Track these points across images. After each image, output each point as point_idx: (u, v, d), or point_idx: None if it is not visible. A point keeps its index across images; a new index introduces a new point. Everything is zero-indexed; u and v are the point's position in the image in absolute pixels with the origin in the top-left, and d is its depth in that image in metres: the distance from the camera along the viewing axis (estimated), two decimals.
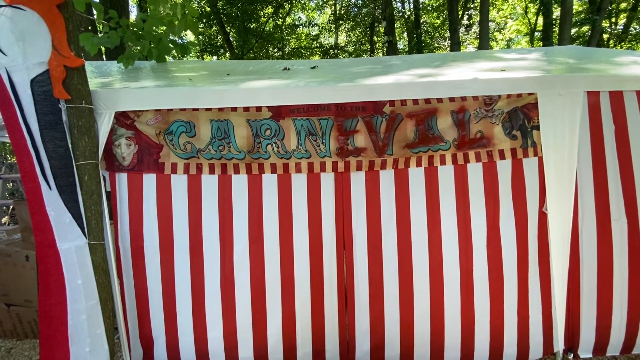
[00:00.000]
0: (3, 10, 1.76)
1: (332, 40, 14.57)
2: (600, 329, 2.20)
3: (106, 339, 1.96)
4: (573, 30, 9.57)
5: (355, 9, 12.37)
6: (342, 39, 14.64)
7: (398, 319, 2.18)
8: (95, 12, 2.52)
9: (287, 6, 12.29)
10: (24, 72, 1.79)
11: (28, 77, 1.79)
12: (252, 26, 11.14)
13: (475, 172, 2.13)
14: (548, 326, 2.19)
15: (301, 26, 13.39)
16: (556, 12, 10.10)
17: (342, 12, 13.29)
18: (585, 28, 10.32)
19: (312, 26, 13.73)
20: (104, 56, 5.63)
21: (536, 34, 13.15)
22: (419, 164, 2.12)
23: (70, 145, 1.88)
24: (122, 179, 2.08)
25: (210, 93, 2.01)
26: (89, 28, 4.66)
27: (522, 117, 2.10)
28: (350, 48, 13.84)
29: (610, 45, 11.19)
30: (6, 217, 5.82)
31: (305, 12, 14.45)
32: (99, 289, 1.94)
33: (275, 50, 12.67)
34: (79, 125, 1.87)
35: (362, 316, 2.19)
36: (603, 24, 9.37)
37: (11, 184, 6.52)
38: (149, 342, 2.18)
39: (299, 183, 2.12)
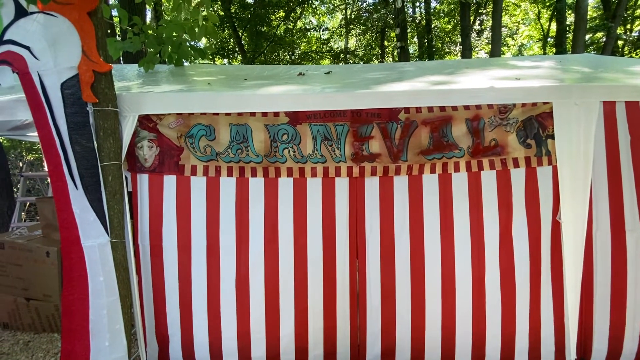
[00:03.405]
0: (36, 17, 1.85)
1: (342, 45, 14.65)
2: (613, 339, 2.19)
3: (124, 335, 2.03)
4: (587, 37, 9.47)
5: (366, 14, 12.42)
6: (352, 43, 14.72)
7: (409, 324, 2.20)
8: (120, 17, 2.61)
9: (298, 10, 12.42)
10: (54, 75, 1.87)
11: (58, 81, 1.88)
12: (264, 30, 11.28)
13: (488, 179, 2.15)
14: (560, 335, 2.18)
15: (312, 30, 13.50)
16: (570, 18, 10.02)
17: (353, 16, 13.36)
18: (599, 34, 10.20)
19: (322, 30, 13.83)
20: (121, 59, 5.77)
21: (549, 39, 13.03)
22: (433, 171, 2.15)
23: (95, 147, 1.95)
24: (143, 179, 2.15)
25: (230, 98, 2.07)
26: (108, 32, 4.79)
27: (536, 126, 2.11)
28: (361, 52, 13.90)
29: (625, 52, 11.04)
30: (23, 213, 5.98)
31: (316, 16, 14.57)
32: (119, 285, 2.00)
33: (286, 54, 12.79)
34: (105, 128, 1.95)
35: (374, 320, 2.22)
36: (618, 31, 9.26)
37: (28, 182, 6.70)
38: (165, 339, 2.23)
39: (314, 187, 2.17)
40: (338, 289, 2.20)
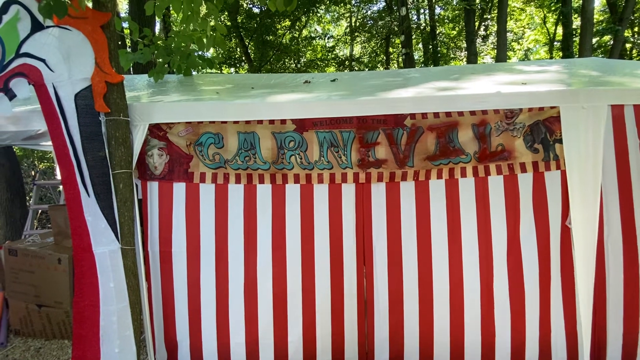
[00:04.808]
0: (51, 31, 1.91)
1: (347, 52, 14.77)
2: (627, 347, 2.14)
3: (134, 341, 2.04)
4: (594, 40, 9.39)
5: (371, 22, 12.53)
6: (357, 50, 14.82)
7: (417, 330, 2.19)
8: (131, 29, 2.69)
9: (303, 19, 12.58)
10: (68, 87, 1.93)
11: (72, 92, 1.93)
12: (270, 39, 11.45)
13: (496, 184, 2.14)
14: (572, 342, 2.14)
15: (317, 38, 13.65)
16: (576, 22, 9.98)
17: (358, 24, 13.49)
18: (606, 37, 10.11)
19: (327, 38, 13.98)
20: (131, 70, 5.89)
21: (555, 43, 12.96)
22: (439, 176, 2.15)
23: (107, 155, 2.00)
24: (153, 187, 2.19)
25: (238, 107, 2.11)
26: (119, 43, 4.91)
27: (544, 131, 2.10)
28: (366, 59, 13.98)
29: (634, 55, 10.92)
30: (35, 221, 6.10)
31: (321, 24, 14.74)
32: (129, 292, 2.02)
33: (292, 62, 12.93)
34: (116, 137, 1.99)
35: (382, 326, 2.21)
36: (625, 34, 9.17)
37: (41, 190, 6.83)
38: (174, 346, 2.25)
39: (321, 193, 2.18)
40: (345, 295, 2.20)
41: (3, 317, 2.96)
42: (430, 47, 12.18)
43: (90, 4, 1.97)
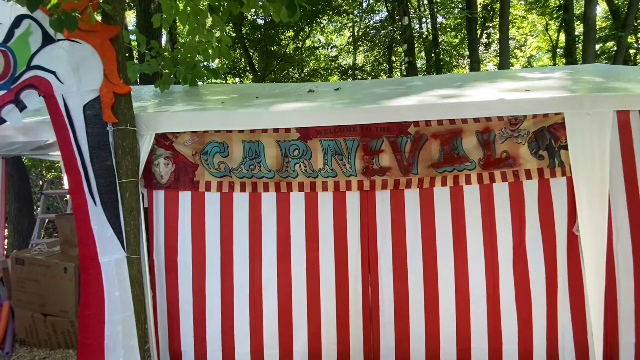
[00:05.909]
0: (61, 44, 1.96)
1: (350, 61, 14.91)
2: None
3: (138, 351, 2.03)
4: (597, 46, 9.39)
5: (374, 31, 12.66)
6: (360, 59, 14.96)
7: (424, 338, 2.16)
8: (138, 41, 2.75)
9: (307, 29, 12.75)
10: (77, 98, 1.97)
11: (81, 103, 1.97)
12: (273, 49, 11.61)
13: (501, 191, 2.13)
14: (580, 349, 2.10)
15: (320, 48, 13.81)
16: (578, 29, 10.00)
17: (360, 33, 13.63)
18: (609, 44, 10.11)
19: (331, 48, 14.14)
20: (137, 80, 5.98)
21: (558, 50, 12.98)
22: (444, 184, 2.14)
23: (114, 164, 2.03)
24: (159, 196, 2.21)
25: (243, 116, 2.14)
26: (127, 55, 5.00)
27: (548, 137, 2.10)
28: (369, 68, 14.08)
29: (638, 60, 10.88)
30: (42, 230, 6.15)
31: (325, 34, 14.93)
32: (134, 301, 2.02)
33: (296, 71, 13.07)
34: (124, 146, 2.02)
35: (387, 334, 2.18)
36: (628, 40, 9.16)
37: (48, 199, 6.90)
38: (178, 356, 2.23)
39: (325, 201, 2.19)
40: (351, 304, 2.18)
41: (9, 327, 2.97)
42: (433, 55, 12.24)
43: (99, 18, 2.02)
